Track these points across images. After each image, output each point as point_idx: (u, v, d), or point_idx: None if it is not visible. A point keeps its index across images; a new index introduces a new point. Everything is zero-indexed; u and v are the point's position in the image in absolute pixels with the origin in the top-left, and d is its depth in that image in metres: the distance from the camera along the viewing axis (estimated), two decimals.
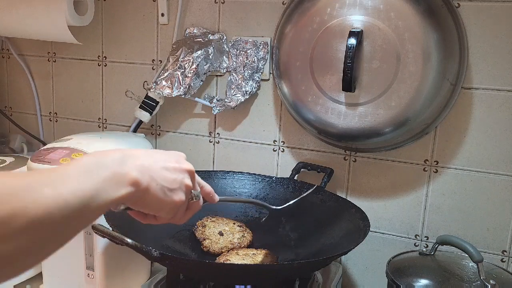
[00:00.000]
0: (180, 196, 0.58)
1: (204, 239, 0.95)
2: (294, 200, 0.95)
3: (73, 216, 0.45)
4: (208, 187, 0.67)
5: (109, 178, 0.50)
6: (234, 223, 1.00)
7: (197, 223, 0.99)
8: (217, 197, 0.69)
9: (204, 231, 0.97)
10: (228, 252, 0.93)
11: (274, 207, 0.88)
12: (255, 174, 1.10)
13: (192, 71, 1.08)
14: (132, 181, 0.52)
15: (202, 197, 0.66)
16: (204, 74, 1.11)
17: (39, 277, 1.07)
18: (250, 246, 0.97)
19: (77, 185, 0.46)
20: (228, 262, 0.87)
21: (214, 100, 1.13)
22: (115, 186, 0.50)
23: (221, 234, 0.96)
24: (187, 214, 0.63)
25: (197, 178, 0.64)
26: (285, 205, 0.93)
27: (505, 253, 0.98)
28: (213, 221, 1.00)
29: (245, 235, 0.97)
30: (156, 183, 0.55)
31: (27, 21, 1.17)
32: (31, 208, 0.41)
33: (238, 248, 0.94)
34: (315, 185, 1.01)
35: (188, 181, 0.59)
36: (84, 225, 0.49)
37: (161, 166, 0.57)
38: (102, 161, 0.51)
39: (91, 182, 0.48)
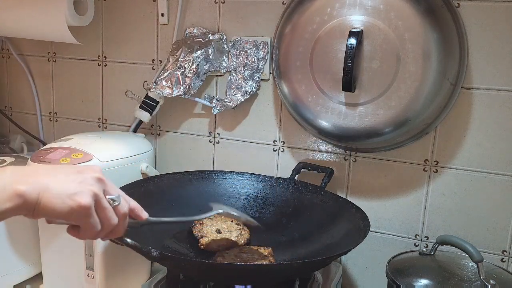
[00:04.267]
0: (82, 200, 0.58)
1: (202, 237, 0.95)
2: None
3: None
4: (133, 203, 0.67)
5: None
6: (232, 221, 1.00)
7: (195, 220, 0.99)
8: (145, 214, 0.68)
9: (202, 228, 0.97)
10: (228, 250, 0.93)
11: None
12: (255, 174, 1.10)
13: (192, 71, 1.08)
14: (15, 193, 0.54)
15: (129, 216, 0.66)
16: (204, 74, 1.11)
17: (39, 277, 1.07)
18: (247, 244, 0.97)
19: None
20: (222, 259, 0.87)
21: (214, 100, 1.13)
22: None
23: (218, 231, 0.96)
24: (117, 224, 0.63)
25: (120, 192, 0.64)
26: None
27: (505, 253, 0.98)
28: (210, 218, 1.00)
29: (243, 233, 0.97)
30: (49, 192, 0.56)
31: (27, 21, 1.17)
32: None
33: (236, 246, 0.94)
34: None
35: (91, 187, 0.60)
36: None
37: (60, 177, 0.59)
38: None
39: None
